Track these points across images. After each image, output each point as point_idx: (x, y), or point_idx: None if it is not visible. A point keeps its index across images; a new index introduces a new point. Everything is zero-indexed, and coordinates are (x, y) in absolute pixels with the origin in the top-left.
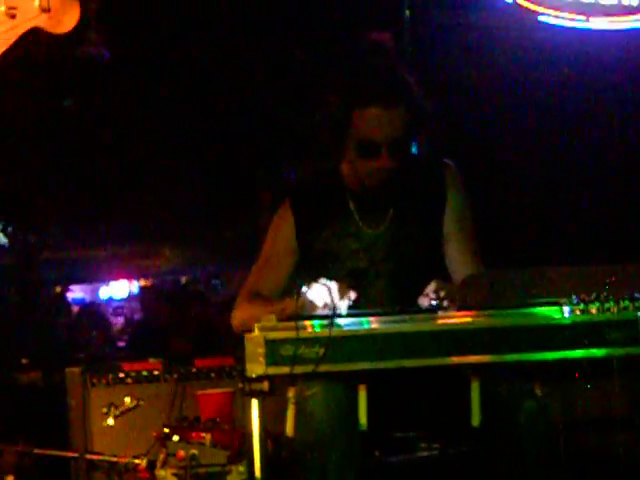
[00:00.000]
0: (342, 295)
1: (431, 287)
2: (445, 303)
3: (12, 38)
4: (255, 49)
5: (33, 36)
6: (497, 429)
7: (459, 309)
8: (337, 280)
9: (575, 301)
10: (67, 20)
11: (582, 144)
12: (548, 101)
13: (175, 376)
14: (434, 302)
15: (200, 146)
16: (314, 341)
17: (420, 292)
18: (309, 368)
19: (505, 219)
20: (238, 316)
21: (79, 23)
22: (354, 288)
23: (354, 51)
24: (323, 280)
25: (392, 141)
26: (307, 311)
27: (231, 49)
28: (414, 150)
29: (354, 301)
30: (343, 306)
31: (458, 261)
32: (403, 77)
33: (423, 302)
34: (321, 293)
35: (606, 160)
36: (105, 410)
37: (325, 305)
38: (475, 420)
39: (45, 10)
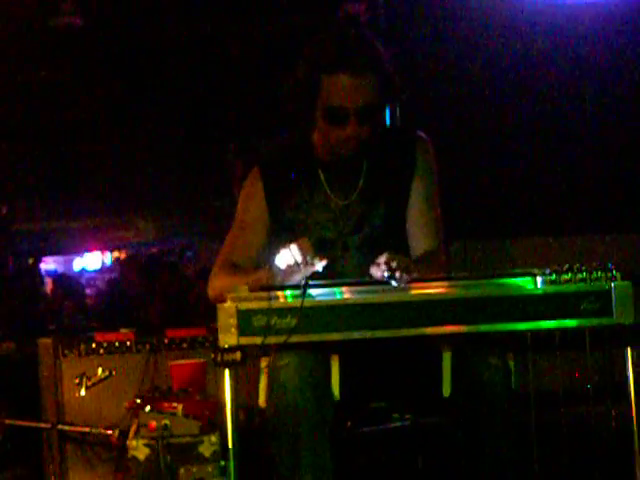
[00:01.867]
0: (303, 251)
1: (382, 258)
2: (397, 274)
3: None
4: (229, 21)
5: (6, 5)
6: (467, 400)
7: (410, 281)
8: (297, 239)
9: (548, 272)
10: None
11: (556, 115)
12: (523, 73)
13: (147, 347)
14: (386, 273)
15: (173, 118)
16: (286, 311)
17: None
18: (281, 338)
19: (478, 190)
20: (215, 286)
21: None
22: (322, 258)
23: (327, 22)
24: (286, 246)
25: (360, 109)
26: (280, 280)
27: (205, 20)
28: (387, 121)
29: (324, 266)
30: (308, 260)
31: (417, 235)
32: (373, 46)
33: (375, 272)
34: (284, 257)
35: (582, 131)
36: (77, 381)
37: (290, 267)
38: (446, 391)
39: None
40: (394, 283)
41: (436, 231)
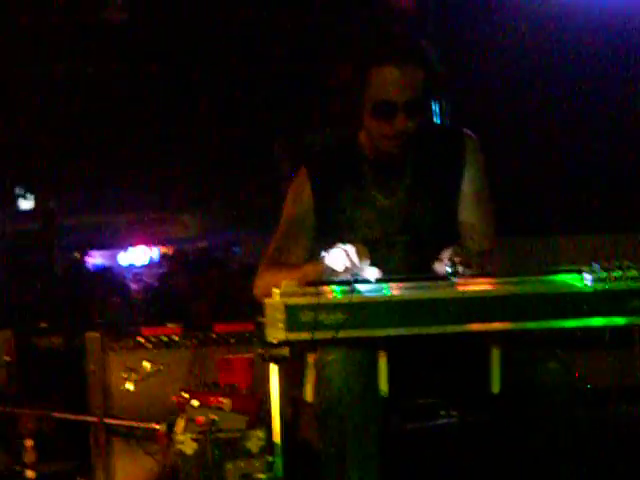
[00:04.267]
0: (361, 257)
1: (447, 253)
2: (460, 269)
3: None
4: (274, 18)
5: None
6: (518, 396)
7: (474, 276)
8: (355, 244)
9: (597, 269)
10: None
11: (596, 110)
12: (571, 68)
13: (194, 341)
14: (449, 268)
15: (219, 113)
16: (334, 307)
17: (434, 263)
18: (329, 334)
19: (521, 185)
20: (260, 285)
21: None
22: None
23: (372, 17)
24: (341, 245)
25: (408, 101)
26: (328, 276)
27: (250, 16)
28: (435, 119)
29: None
30: (364, 267)
31: (471, 235)
32: (418, 40)
33: (439, 268)
34: (340, 258)
35: (622, 126)
36: (124, 375)
37: (345, 269)
38: (495, 387)
39: None
40: (455, 279)
41: (490, 231)
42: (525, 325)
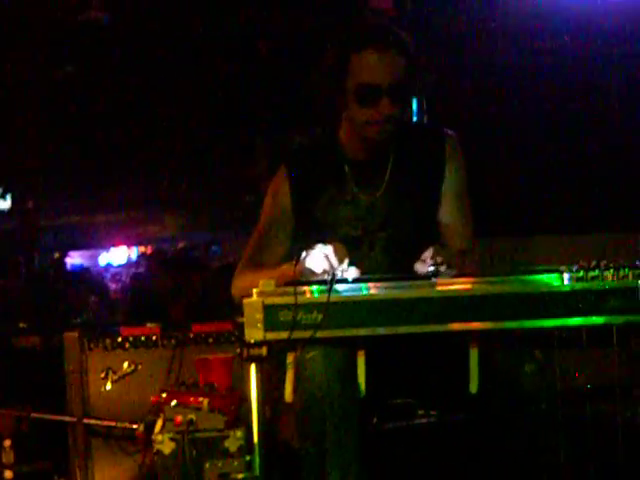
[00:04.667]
0: (340, 257)
1: (429, 252)
2: (442, 269)
3: None
4: (257, 17)
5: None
6: (497, 395)
7: (456, 275)
8: (332, 242)
9: (575, 269)
10: None
11: (583, 113)
12: (549, 69)
13: (173, 341)
14: (431, 267)
15: (200, 112)
16: (312, 306)
17: (414, 262)
18: (308, 334)
19: (500, 185)
20: (238, 285)
21: None
22: (348, 256)
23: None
24: (319, 246)
25: (391, 85)
26: (306, 276)
27: (234, 17)
28: (413, 117)
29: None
30: (343, 268)
31: (451, 234)
32: (398, 30)
33: (420, 268)
34: (318, 258)
35: (606, 129)
36: (103, 375)
37: (325, 272)
38: (473, 387)
39: None
40: (436, 279)
41: (469, 230)
42: (503, 325)
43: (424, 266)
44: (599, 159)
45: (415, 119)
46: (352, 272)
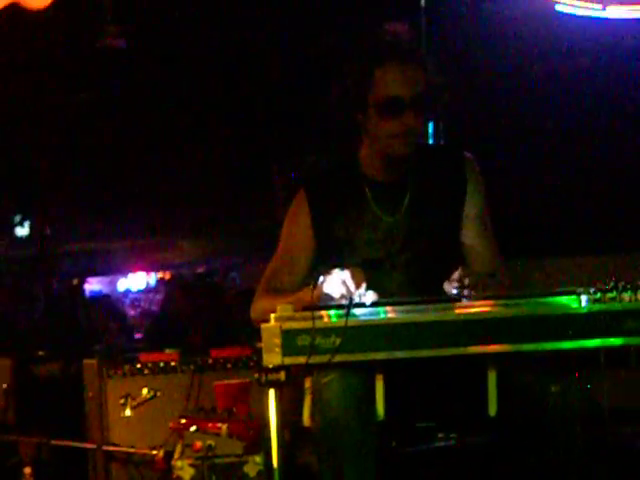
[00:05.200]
0: (357, 281)
1: (457, 274)
2: (466, 292)
3: None
4: (270, 42)
5: (49, 28)
6: (516, 419)
7: (483, 298)
8: (350, 267)
9: (592, 290)
10: None
11: (597, 134)
12: (565, 91)
13: (191, 367)
14: (455, 290)
15: (215, 139)
16: (330, 331)
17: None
18: (325, 358)
19: (517, 206)
20: (257, 309)
21: (97, 15)
22: (369, 278)
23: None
24: (337, 271)
25: (414, 97)
26: (324, 301)
27: (247, 42)
28: (430, 140)
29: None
30: (360, 292)
31: (478, 257)
32: (415, 44)
33: (449, 288)
34: (336, 285)
35: (620, 150)
36: (122, 401)
37: (342, 296)
38: (492, 410)
39: None
40: (464, 300)
41: (496, 252)
42: (521, 347)
43: (452, 286)
44: (614, 180)
45: (432, 141)
46: (370, 296)
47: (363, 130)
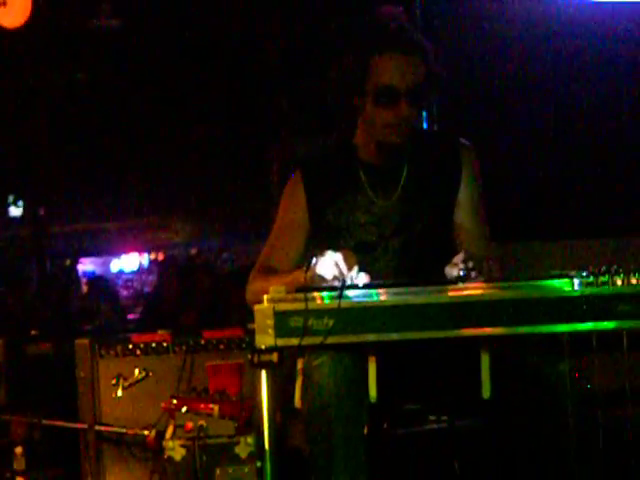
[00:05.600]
0: (349, 264)
1: (460, 257)
2: (473, 274)
3: None
4: (267, 24)
5: (44, 10)
6: (509, 401)
7: (486, 281)
8: (342, 250)
9: (585, 274)
10: (20, 14)
11: (589, 118)
12: (557, 75)
13: (184, 348)
14: (462, 272)
15: (211, 119)
16: (323, 312)
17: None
18: (318, 340)
19: (511, 190)
20: (251, 290)
21: None
22: (361, 261)
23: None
24: (329, 252)
25: (410, 88)
26: (316, 283)
27: (244, 23)
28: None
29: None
30: (352, 275)
31: (470, 243)
32: (416, 33)
33: (451, 271)
34: (329, 266)
35: (613, 134)
36: (114, 381)
37: (335, 278)
38: (486, 393)
39: (2, 4)
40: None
41: (487, 239)
42: (514, 330)
43: (454, 270)
44: (607, 164)
45: (425, 126)
46: (362, 278)
47: (359, 115)
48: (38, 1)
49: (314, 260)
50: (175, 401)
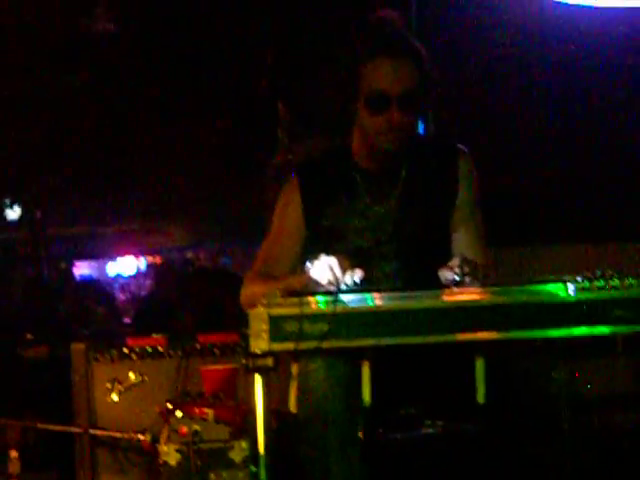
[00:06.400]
0: (344, 270)
1: (455, 261)
2: (467, 279)
3: None
4: (263, 28)
5: (40, 12)
6: (504, 406)
7: (482, 285)
8: (337, 256)
9: (580, 279)
10: None
11: (588, 122)
12: (554, 80)
13: (179, 352)
14: (457, 277)
15: (206, 123)
16: (318, 317)
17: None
18: (313, 344)
19: (506, 195)
20: (247, 293)
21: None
22: (358, 267)
23: (362, 25)
24: (324, 257)
25: (402, 94)
26: (312, 287)
27: (240, 26)
28: (422, 130)
29: (361, 279)
30: (347, 280)
31: (466, 250)
32: (411, 38)
33: (445, 275)
34: (324, 271)
35: (611, 138)
36: (109, 385)
37: (329, 282)
38: (480, 397)
39: None
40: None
41: (484, 246)
42: (509, 335)
43: (448, 272)
44: (605, 168)
45: (422, 131)
46: (357, 274)
47: (354, 120)
48: (36, 4)
49: (308, 264)
50: (170, 405)
